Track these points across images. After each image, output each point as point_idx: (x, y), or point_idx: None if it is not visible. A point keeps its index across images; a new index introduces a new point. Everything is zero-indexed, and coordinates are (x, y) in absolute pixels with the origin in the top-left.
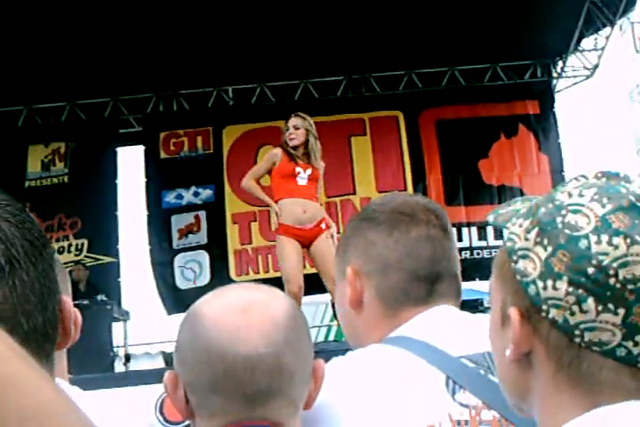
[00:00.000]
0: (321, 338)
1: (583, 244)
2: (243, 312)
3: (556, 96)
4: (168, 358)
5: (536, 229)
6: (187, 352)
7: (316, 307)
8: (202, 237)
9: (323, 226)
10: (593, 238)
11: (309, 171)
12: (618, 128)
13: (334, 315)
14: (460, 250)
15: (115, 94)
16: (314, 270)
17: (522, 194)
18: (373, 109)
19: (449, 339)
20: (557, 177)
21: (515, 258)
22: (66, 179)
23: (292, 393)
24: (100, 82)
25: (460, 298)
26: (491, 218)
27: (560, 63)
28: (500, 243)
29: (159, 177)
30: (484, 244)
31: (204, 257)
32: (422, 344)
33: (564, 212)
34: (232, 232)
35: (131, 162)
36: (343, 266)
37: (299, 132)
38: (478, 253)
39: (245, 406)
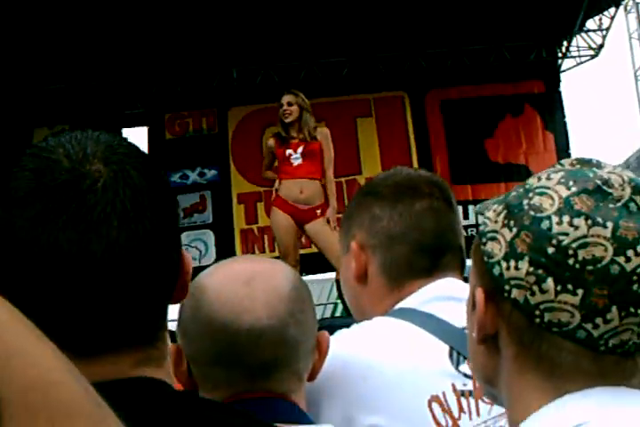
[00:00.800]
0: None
1: (545, 224)
2: (246, 284)
3: (562, 76)
4: (173, 338)
5: (505, 212)
6: (190, 325)
7: (322, 286)
8: (207, 216)
9: (318, 212)
10: (555, 219)
11: (301, 148)
12: (623, 107)
13: (339, 294)
14: (466, 227)
15: (118, 75)
16: (317, 250)
17: (527, 172)
18: (378, 90)
19: (453, 310)
20: (563, 155)
21: (484, 240)
22: None
23: (296, 365)
24: (102, 63)
25: (465, 269)
26: (477, 208)
27: (565, 43)
28: None
29: (164, 158)
30: None
31: (210, 236)
32: (426, 316)
33: (530, 194)
34: (238, 212)
35: (136, 143)
36: (347, 240)
37: (292, 109)
38: None
39: (249, 378)
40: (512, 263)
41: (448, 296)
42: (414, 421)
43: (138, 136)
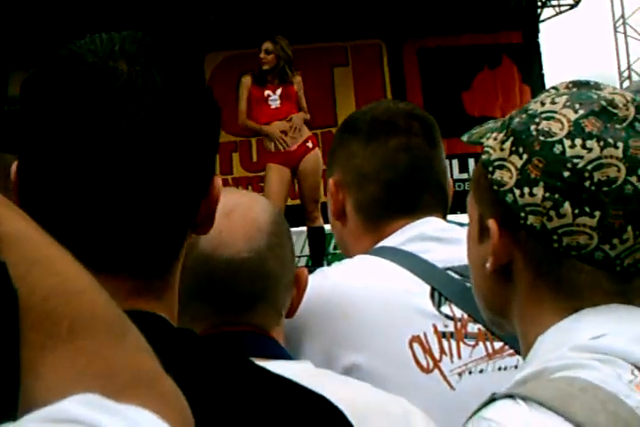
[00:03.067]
0: None
1: (558, 149)
2: (225, 216)
3: (541, 26)
4: None
5: (511, 139)
6: None
7: (295, 238)
8: None
9: (309, 145)
10: (567, 143)
11: (279, 91)
12: (602, 59)
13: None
14: None
15: (95, 17)
16: (295, 202)
17: None
18: (355, 37)
19: (434, 251)
20: None
21: (491, 169)
22: None
23: (275, 299)
24: (80, 5)
25: (447, 209)
26: (465, 138)
27: None
28: None
29: None
30: (465, 176)
31: None
32: (408, 255)
33: (537, 120)
34: None
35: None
36: (328, 178)
37: (269, 57)
38: (460, 186)
39: (228, 312)
40: (526, 190)
41: (430, 236)
42: (395, 360)
43: None
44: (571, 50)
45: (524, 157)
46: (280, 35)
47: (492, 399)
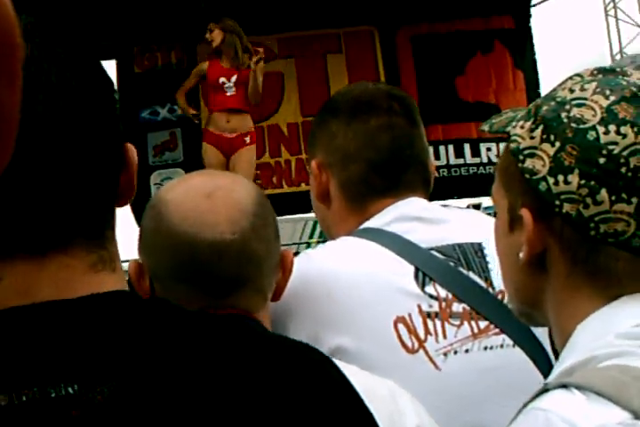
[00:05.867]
0: None
1: (591, 135)
2: (207, 197)
3: (532, 11)
4: None
5: (541, 127)
6: (151, 239)
7: (294, 225)
8: (178, 155)
9: (247, 140)
10: (601, 129)
11: (235, 77)
12: (594, 43)
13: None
14: (438, 168)
15: (86, 4)
16: (292, 190)
17: (498, 110)
18: (348, 25)
19: (418, 231)
20: (533, 94)
21: (521, 158)
22: None
23: (260, 282)
24: None
25: (430, 188)
26: (486, 128)
27: None
28: (477, 160)
29: (134, 93)
30: (461, 161)
31: (181, 175)
32: (391, 236)
33: (567, 107)
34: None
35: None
36: (310, 160)
37: (214, 34)
38: (456, 171)
39: (212, 295)
40: (560, 178)
41: (413, 216)
42: (380, 341)
43: (107, 70)
44: (563, 34)
45: (557, 144)
46: (273, 23)
47: (545, 390)
